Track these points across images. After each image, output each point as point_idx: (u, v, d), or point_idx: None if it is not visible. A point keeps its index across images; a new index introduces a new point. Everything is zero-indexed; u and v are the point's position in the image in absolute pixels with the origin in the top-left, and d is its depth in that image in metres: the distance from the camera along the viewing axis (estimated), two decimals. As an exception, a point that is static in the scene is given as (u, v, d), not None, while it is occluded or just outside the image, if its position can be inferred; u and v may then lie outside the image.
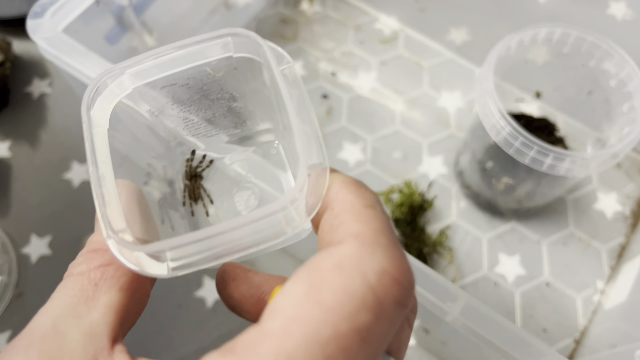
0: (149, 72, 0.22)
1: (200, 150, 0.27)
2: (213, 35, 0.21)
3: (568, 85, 0.48)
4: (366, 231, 0.17)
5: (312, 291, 0.15)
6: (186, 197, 0.27)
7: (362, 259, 0.16)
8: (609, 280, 0.46)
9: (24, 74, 0.57)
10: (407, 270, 0.17)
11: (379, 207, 0.18)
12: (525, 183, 0.42)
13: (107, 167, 0.19)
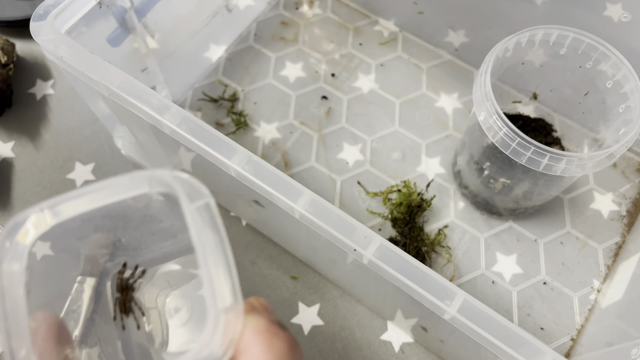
0: (69, 210, 0.23)
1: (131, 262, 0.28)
2: (131, 176, 0.22)
3: (565, 87, 0.48)
4: None
5: None
6: (117, 311, 0.27)
7: None
8: (606, 279, 0.46)
9: (28, 75, 0.57)
10: None
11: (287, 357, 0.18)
12: (522, 183, 0.43)
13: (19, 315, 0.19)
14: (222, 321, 0.18)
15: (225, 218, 0.50)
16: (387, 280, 0.31)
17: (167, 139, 0.43)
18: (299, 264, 0.48)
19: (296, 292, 0.46)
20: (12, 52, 0.55)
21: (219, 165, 0.34)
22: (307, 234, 0.38)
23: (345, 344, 0.44)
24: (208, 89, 0.56)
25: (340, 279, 0.46)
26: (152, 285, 0.28)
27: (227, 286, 0.19)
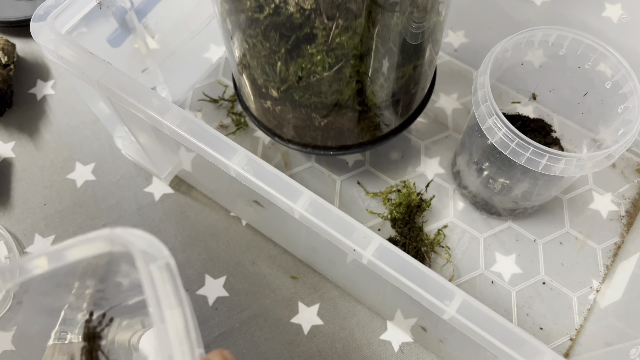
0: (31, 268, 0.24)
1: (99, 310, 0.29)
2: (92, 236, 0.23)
3: (564, 87, 0.48)
4: None
5: None
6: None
7: None
8: (605, 279, 0.46)
9: (28, 75, 0.57)
10: None
11: None
12: (521, 183, 0.43)
13: None
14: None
15: (225, 218, 0.50)
16: (386, 280, 0.31)
17: (168, 139, 0.43)
18: (298, 263, 0.48)
19: (296, 292, 0.46)
20: (12, 53, 0.55)
21: (219, 166, 0.34)
22: (307, 234, 0.38)
23: (344, 344, 0.44)
24: (208, 90, 0.56)
25: (339, 279, 0.46)
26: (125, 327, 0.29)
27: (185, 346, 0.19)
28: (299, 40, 0.34)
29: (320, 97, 0.38)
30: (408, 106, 0.45)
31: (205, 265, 0.47)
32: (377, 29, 0.34)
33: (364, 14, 0.33)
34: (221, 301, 0.46)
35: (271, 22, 0.33)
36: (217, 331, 0.45)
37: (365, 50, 0.35)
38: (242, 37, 0.37)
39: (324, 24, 0.33)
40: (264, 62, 0.37)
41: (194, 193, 0.51)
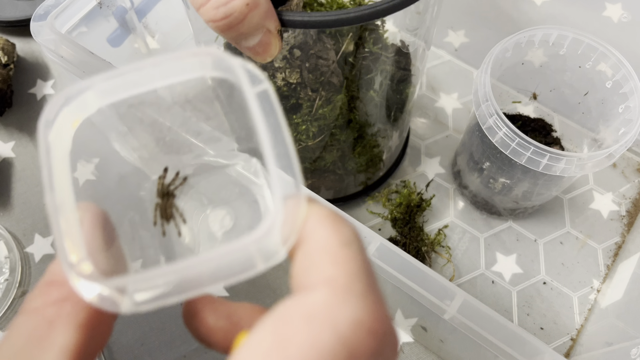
0: (116, 90, 0.20)
1: (172, 166, 0.26)
2: (185, 54, 0.19)
3: (564, 87, 0.48)
4: (340, 276, 0.16)
5: (277, 346, 0.14)
6: (157, 217, 0.25)
7: (333, 309, 0.15)
8: (605, 279, 0.46)
9: (28, 75, 0.57)
10: (384, 317, 0.16)
11: (356, 245, 0.17)
12: (522, 183, 0.43)
13: (66, 193, 0.18)
14: (287, 206, 0.17)
15: (226, 218, 0.50)
16: (387, 280, 0.31)
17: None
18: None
19: (296, 292, 0.46)
20: (12, 52, 0.55)
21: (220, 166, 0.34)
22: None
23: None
24: (208, 89, 0.56)
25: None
26: (190, 198, 0.27)
27: (289, 174, 0.17)
28: (286, 111, 0.37)
29: (305, 163, 0.41)
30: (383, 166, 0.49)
31: (206, 265, 0.47)
32: (356, 101, 0.38)
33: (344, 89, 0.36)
34: (221, 301, 0.46)
35: None
36: (218, 331, 0.44)
37: (345, 121, 0.38)
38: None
39: (308, 96, 0.36)
40: None
41: (194, 193, 0.51)
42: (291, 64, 0.35)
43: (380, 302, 0.16)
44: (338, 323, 0.14)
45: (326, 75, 0.35)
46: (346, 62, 0.36)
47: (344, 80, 0.36)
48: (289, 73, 0.35)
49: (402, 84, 0.41)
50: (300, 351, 0.14)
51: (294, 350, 0.14)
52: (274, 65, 0.35)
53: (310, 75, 0.35)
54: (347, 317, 0.15)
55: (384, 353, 0.15)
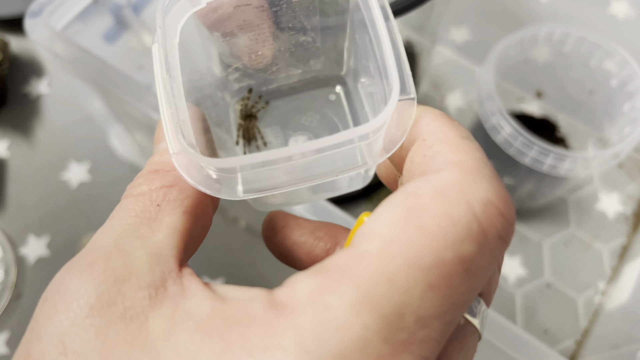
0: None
1: (258, 87, 0.25)
2: None
3: (569, 85, 0.48)
4: (467, 160, 0.15)
5: (412, 216, 0.14)
6: (240, 137, 0.25)
7: (465, 187, 0.15)
8: (610, 281, 0.46)
9: (22, 73, 0.57)
10: (511, 204, 0.15)
11: (474, 140, 0.16)
12: (526, 183, 0.42)
13: (178, 80, 0.17)
14: (398, 106, 0.17)
15: (223, 219, 0.49)
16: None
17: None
18: (298, 265, 0.47)
19: (296, 294, 0.46)
20: (6, 50, 0.54)
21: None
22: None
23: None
24: (206, 88, 0.55)
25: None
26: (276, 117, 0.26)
27: (404, 75, 0.17)
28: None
29: None
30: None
31: (203, 267, 0.47)
32: None
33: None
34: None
35: None
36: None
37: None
38: None
39: None
40: None
41: (192, 193, 0.50)
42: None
43: (506, 190, 0.16)
44: (471, 199, 0.14)
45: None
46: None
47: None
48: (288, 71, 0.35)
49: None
50: (436, 220, 0.14)
51: (430, 220, 0.14)
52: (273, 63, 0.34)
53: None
54: (479, 196, 0.15)
55: (508, 240, 0.15)
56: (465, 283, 0.14)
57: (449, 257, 0.14)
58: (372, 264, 0.13)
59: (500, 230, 0.15)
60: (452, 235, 0.14)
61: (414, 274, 0.13)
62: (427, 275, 0.13)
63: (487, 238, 0.14)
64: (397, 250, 0.14)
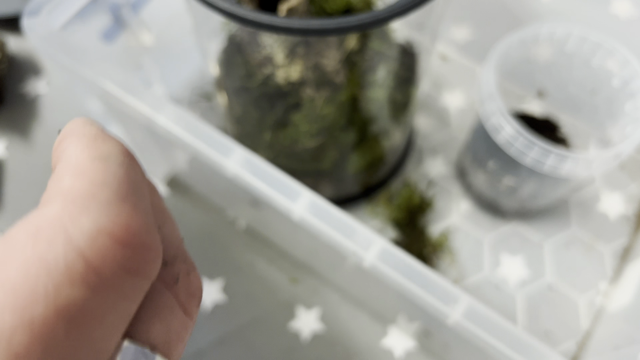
0: None
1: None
2: None
3: (571, 85, 0.48)
4: (80, 186, 0.13)
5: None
6: None
7: (67, 220, 0.13)
8: (612, 282, 0.46)
9: (20, 72, 0.56)
10: (141, 228, 0.13)
11: (115, 159, 0.14)
12: (527, 184, 0.42)
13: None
14: None
15: (223, 220, 0.49)
16: (389, 284, 0.30)
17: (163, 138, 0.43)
18: (298, 266, 0.47)
19: (295, 295, 0.45)
20: (3, 49, 0.54)
21: (216, 166, 0.33)
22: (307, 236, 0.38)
23: (345, 348, 0.43)
24: (204, 87, 0.55)
25: (340, 282, 0.45)
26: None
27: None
28: (287, 110, 0.37)
29: (305, 164, 0.41)
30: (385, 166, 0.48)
31: (202, 267, 0.47)
32: (359, 102, 0.37)
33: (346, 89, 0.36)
34: (218, 304, 0.45)
35: (261, 92, 0.36)
36: (214, 335, 0.44)
37: (347, 122, 0.38)
38: (235, 102, 0.40)
39: (309, 94, 0.36)
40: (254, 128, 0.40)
41: (191, 194, 0.50)
42: (293, 61, 0.34)
43: (136, 213, 0.13)
44: (73, 233, 0.12)
45: (328, 74, 0.35)
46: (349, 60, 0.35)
47: (347, 79, 0.36)
48: (290, 71, 0.34)
49: (407, 84, 0.40)
50: (23, 269, 0.12)
51: (15, 270, 0.12)
52: (275, 62, 0.34)
53: (311, 73, 0.35)
54: (85, 227, 0.12)
55: (144, 272, 0.13)
56: (73, 339, 0.12)
57: (41, 313, 0.11)
58: None
59: (124, 262, 0.13)
60: (45, 284, 0.12)
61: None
62: (10, 344, 0.11)
63: (101, 275, 0.12)
64: None
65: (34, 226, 0.13)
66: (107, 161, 0.14)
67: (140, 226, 0.13)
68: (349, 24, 0.26)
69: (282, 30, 0.26)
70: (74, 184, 0.13)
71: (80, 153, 0.14)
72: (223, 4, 0.26)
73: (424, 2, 0.26)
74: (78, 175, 0.14)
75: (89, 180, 0.13)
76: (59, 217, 0.13)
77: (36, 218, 0.13)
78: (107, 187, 0.13)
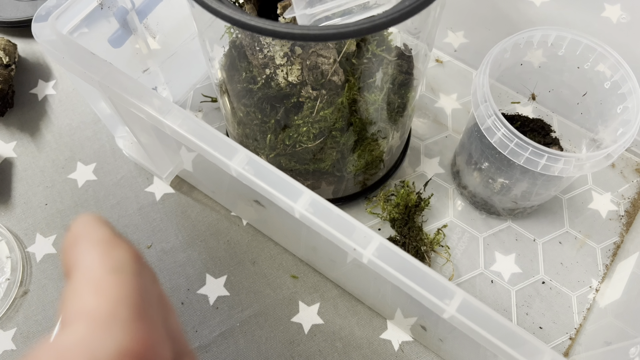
0: None
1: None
2: None
3: (563, 87, 0.49)
4: (101, 305, 0.14)
5: None
6: None
7: (92, 342, 0.13)
8: (604, 278, 0.47)
9: (29, 76, 0.57)
10: (156, 342, 0.14)
11: (129, 269, 0.15)
12: (520, 183, 0.43)
13: None
14: None
15: (226, 218, 0.50)
16: (386, 280, 0.31)
17: (169, 139, 0.44)
18: (299, 263, 0.48)
19: (296, 291, 0.46)
20: (13, 53, 0.55)
21: (220, 166, 0.34)
22: (308, 234, 0.39)
23: (345, 343, 0.44)
24: (208, 90, 0.56)
25: (340, 278, 0.46)
26: None
27: None
28: (287, 110, 0.38)
29: (304, 164, 0.42)
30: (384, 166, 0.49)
31: (206, 264, 0.48)
32: (357, 103, 0.38)
33: (345, 90, 0.36)
34: (222, 300, 0.46)
35: (263, 94, 0.37)
36: (218, 330, 0.45)
37: (346, 124, 0.39)
38: (237, 105, 0.40)
39: (309, 94, 0.37)
40: (256, 130, 0.40)
41: (195, 193, 0.51)
42: (292, 61, 0.35)
43: (152, 326, 0.15)
44: (99, 356, 0.13)
45: (327, 74, 0.36)
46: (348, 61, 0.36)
47: (346, 80, 0.36)
48: (289, 70, 0.35)
49: (405, 87, 0.41)
50: None
51: None
52: (275, 62, 0.35)
53: (310, 73, 0.35)
54: (109, 349, 0.13)
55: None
56: None
57: None
58: None
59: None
60: None
61: None
62: None
63: None
64: None
65: (60, 350, 0.13)
66: (123, 273, 0.15)
67: (156, 341, 0.14)
68: (348, 30, 0.27)
69: (283, 35, 0.27)
70: (95, 302, 0.14)
71: (97, 264, 0.15)
72: (226, 10, 0.27)
73: (420, 9, 0.27)
74: (98, 293, 0.14)
75: (110, 298, 0.14)
76: (84, 339, 0.13)
77: (62, 342, 0.14)
78: (125, 304, 0.14)
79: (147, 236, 0.49)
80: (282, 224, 0.44)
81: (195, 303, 0.46)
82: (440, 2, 0.35)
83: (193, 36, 0.53)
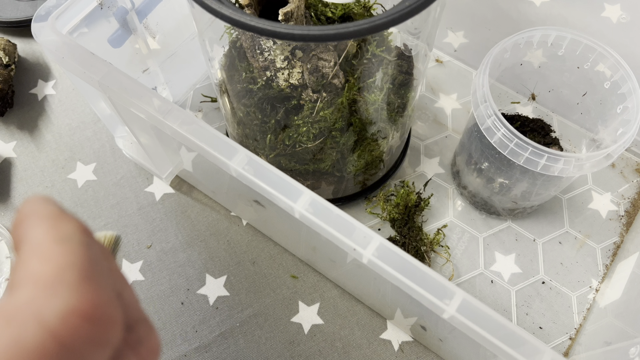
0: None
1: None
2: None
3: (563, 87, 0.49)
4: (47, 270, 0.14)
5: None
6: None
7: (38, 304, 0.14)
8: (604, 278, 0.47)
9: (29, 76, 0.57)
10: (104, 302, 0.15)
11: (76, 239, 0.15)
12: (520, 183, 0.43)
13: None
14: None
15: (226, 218, 0.50)
16: (386, 280, 0.31)
17: (168, 139, 0.44)
18: (299, 263, 0.48)
19: (296, 291, 0.46)
20: (13, 53, 0.55)
21: (220, 166, 0.34)
22: (307, 234, 0.39)
23: (345, 343, 0.44)
24: (208, 90, 0.56)
25: (340, 278, 0.46)
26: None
27: None
28: (288, 112, 0.38)
29: (304, 164, 0.42)
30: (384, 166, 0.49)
31: (206, 264, 0.48)
32: (357, 104, 0.38)
33: (345, 92, 0.37)
34: (222, 300, 0.46)
35: (263, 94, 0.37)
36: (218, 330, 0.45)
37: (346, 124, 0.39)
38: (237, 105, 0.41)
39: (309, 97, 0.37)
40: (256, 130, 0.41)
41: (195, 193, 0.51)
42: (292, 64, 0.35)
43: (99, 289, 0.15)
44: (45, 316, 0.14)
45: (327, 76, 0.36)
46: (348, 61, 0.36)
47: (346, 82, 0.37)
48: (290, 73, 0.35)
49: (404, 87, 0.41)
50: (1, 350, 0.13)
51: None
52: (275, 65, 0.35)
53: (311, 76, 0.36)
54: (55, 308, 0.14)
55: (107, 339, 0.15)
56: None
57: None
58: None
59: (92, 336, 0.14)
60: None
61: None
62: None
63: (71, 350, 0.14)
64: None
65: (6, 312, 0.14)
66: (70, 242, 0.15)
67: (105, 301, 0.15)
68: (348, 30, 0.27)
69: (283, 36, 0.27)
70: (41, 268, 0.14)
71: (43, 236, 0.15)
72: (226, 11, 0.27)
73: (420, 9, 0.27)
74: (44, 259, 0.15)
75: (56, 263, 0.15)
76: (31, 302, 0.14)
77: (8, 304, 0.14)
78: (73, 268, 0.15)
79: (147, 236, 0.49)
80: (282, 224, 0.44)
81: (195, 303, 0.46)
82: (440, 2, 0.35)
83: (193, 36, 0.53)
